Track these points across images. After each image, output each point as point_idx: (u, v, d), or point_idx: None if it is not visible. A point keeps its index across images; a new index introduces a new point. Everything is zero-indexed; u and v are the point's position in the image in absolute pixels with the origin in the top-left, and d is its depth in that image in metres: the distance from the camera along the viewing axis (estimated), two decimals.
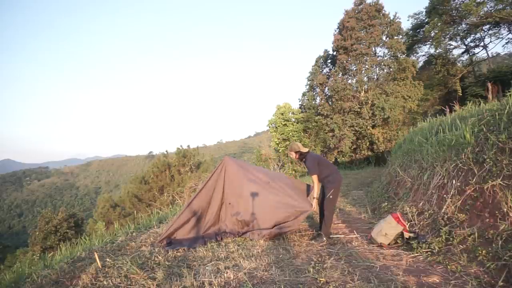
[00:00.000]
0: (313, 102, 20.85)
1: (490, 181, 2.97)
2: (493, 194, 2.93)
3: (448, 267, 2.81)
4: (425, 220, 3.79)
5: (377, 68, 20.18)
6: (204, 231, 4.40)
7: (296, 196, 4.28)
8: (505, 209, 2.75)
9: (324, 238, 4.04)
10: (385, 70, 19.91)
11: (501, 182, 2.87)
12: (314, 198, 4.07)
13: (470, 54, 20.96)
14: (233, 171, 4.55)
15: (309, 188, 4.70)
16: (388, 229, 3.63)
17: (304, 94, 21.44)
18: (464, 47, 20.79)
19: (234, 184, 4.51)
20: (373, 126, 18.60)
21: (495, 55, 20.87)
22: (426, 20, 20.12)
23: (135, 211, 12.82)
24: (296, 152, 4.26)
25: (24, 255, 19.25)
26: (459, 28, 18.97)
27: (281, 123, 17.96)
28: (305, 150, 4.25)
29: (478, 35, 19.46)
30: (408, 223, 3.84)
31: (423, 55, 22.84)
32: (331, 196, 4.03)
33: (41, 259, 4.88)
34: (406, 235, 3.57)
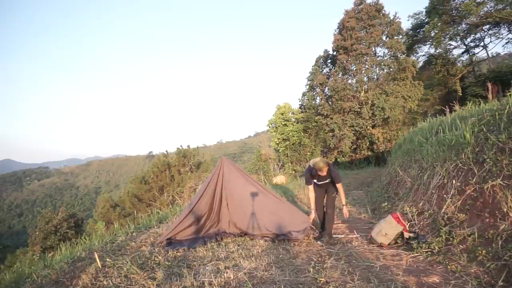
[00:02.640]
0: (313, 102, 20.84)
1: (490, 181, 2.97)
2: (493, 194, 2.93)
3: (448, 267, 2.81)
4: (425, 220, 3.79)
5: (377, 68, 20.18)
6: (204, 232, 4.41)
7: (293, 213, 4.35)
8: (505, 209, 2.75)
9: (328, 237, 4.08)
10: (385, 70, 19.90)
11: (501, 182, 2.87)
12: (344, 205, 4.24)
13: (470, 54, 20.96)
14: (230, 171, 4.61)
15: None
16: (388, 229, 3.63)
17: (304, 94, 21.43)
18: (464, 47, 20.79)
19: (233, 184, 4.53)
20: (373, 126, 18.60)
21: (495, 55, 20.88)
22: (426, 20, 20.12)
23: (135, 211, 12.79)
24: (328, 166, 4.00)
25: (24, 255, 19.22)
26: (459, 28, 18.96)
27: (281, 123, 17.97)
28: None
29: (478, 35, 19.47)
30: (408, 223, 3.84)
31: (423, 55, 22.86)
32: (335, 194, 4.21)
33: (41, 259, 4.87)
34: (406, 235, 3.57)
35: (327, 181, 4.11)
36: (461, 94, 19.13)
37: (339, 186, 4.09)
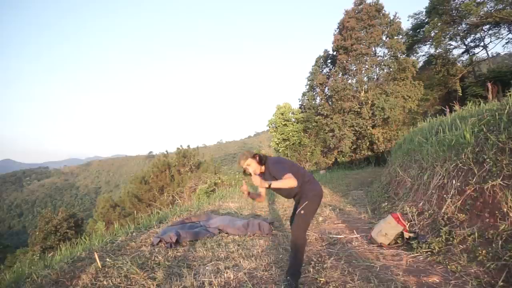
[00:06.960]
0: (313, 102, 20.86)
1: (490, 181, 2.97)
2: (493, 194, 2.93)
3: (448, 267, 2.81)
4: (425, 220, 3.79)
5: (377, 68, 20.19)
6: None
7: None
8: (505, 209, 2.75)
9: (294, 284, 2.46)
10: (385, 70, 19.92)
11: (501, 182, 2.87)
12: (268, 186, 2.30)
13: (470, 54, 20.95)
14: None
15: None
16: (388, 229, 3.63)
17: (304, 94, 21.45)
18: (464, 47, 20.79)
19: None
20: (373, 126, 18.60)
21: (495, 55, 20.88)
22: (426, 20, 20.13)
23: (135, 211, 12.80)
24: (253, 158, 2.61)
25: (24, 255, 19.22)
26: (459, 28, 18.97)
27: (281, 123, 17.99)
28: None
29: (478, 35, 19.48)
30: (408, 223, 3.84)
31: (423, 55, 22.88)
32: (302, 211, 2.47)
33: (41, 259, 4.86)
34: (406, 235, 3.57)
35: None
36: (461, 94, 19.12)
37: (286, 176, 2.33)
